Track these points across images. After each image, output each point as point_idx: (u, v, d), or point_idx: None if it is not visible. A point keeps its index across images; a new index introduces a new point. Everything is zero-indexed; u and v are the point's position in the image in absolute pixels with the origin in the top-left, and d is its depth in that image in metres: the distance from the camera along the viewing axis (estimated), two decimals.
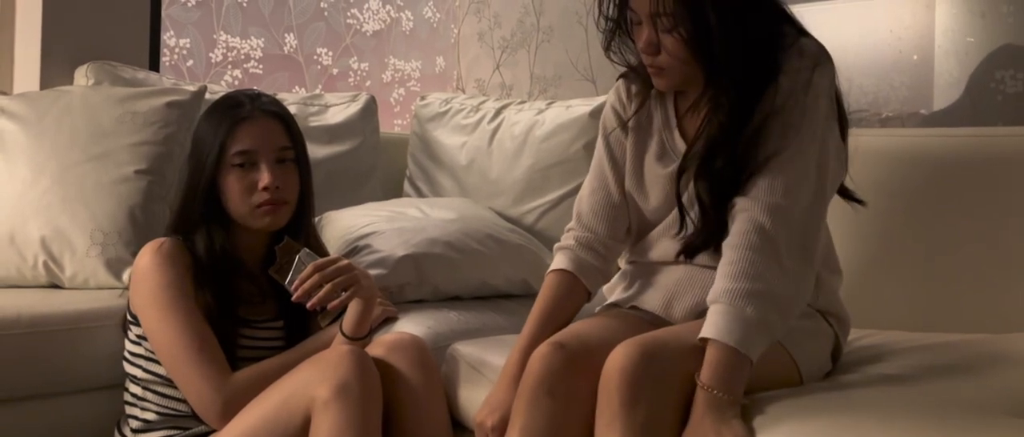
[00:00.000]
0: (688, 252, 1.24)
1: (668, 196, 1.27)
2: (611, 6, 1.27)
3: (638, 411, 1.04)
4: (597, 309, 1.37)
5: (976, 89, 1.99)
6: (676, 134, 1.29)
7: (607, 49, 1.30)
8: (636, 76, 1.33)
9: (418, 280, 1.66)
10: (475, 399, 1.35)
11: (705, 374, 1.06)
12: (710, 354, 1.08)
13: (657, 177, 1.29)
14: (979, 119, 1.98)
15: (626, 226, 1.34)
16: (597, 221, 1.33)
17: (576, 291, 1.32)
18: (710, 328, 1.09)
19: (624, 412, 1.04)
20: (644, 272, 1.33)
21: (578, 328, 1.23)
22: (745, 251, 1.12)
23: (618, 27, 1.27)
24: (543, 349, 1.17)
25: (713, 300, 1.11)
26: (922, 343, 1.38)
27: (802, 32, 1.25)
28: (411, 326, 1.52)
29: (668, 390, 1.08)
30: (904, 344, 1.38)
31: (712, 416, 1.04)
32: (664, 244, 1.29)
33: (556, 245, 1.37)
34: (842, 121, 1.25)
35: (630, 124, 1.32)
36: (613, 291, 1.36)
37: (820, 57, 1.20)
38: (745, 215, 1.15)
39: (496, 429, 1.20)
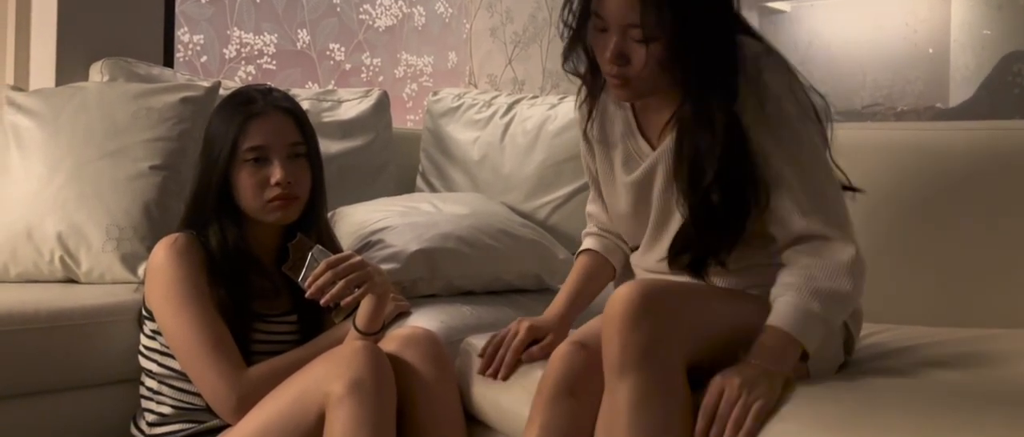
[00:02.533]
0: (672, 265, 1.23)
1: (637, 203, 1.28)
2: (569, 13, 1.20)
3: (640, 332, 1.05)
4: None
5: (993, 83, 1.97)
6: (640, 140, 1.27)
7: (566, 59, 1.24)
8: (583, 86, 1.30)
9: (431, 275, 1.66)
10: (487, 393, 1.35)
11: (753, 352, 1.09)
12: (765, 337, 1.11)
13: (625, 185, 1.29)
14: (996, 113, 1.97)
15: None
16: (609, 221, 1.40)
17: (604, 269, 1.40)
18: (773, 317, 1.12)
19: (626, 331, 1.05)
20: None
21: (598, 327, 1.23)
22: (807, 257, 1.14)
23: (577, 36, 1.21)
24: (564, 348, 1.18)
25: (779, 295, 1.14)
26: (937, 339, 1.37)
27: (746, 31, 1.20)
28: (424, 321, 1.52)
29: (671, 320, 1.08)
30: (919, 339, 1.37)
31: (753, 374, 1.06)
32: (652, 256, 1.30)
33: (583, 231, 1.45)
34: (814, 110, 1.20)
35: (592, 137, 1.33)
36: None
37: (760, 59, 1.16)
38: (789, 246, 1.16)
39: (526, 330, 1.31)
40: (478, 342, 1.41)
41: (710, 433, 1.04)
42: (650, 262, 1.30)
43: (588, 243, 1.43)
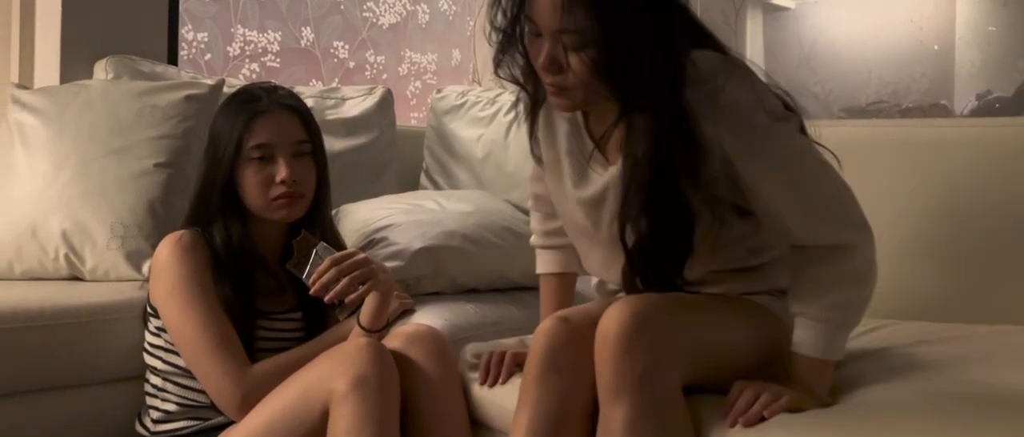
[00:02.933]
0: (628, 288, 1.16)
1: (592, 223, 1.21)
2: (500, 15, 1.12)
3: (634, 358, 1.02)
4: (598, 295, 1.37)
5: (998, 79, 1.96)
6: (590, 150, 1.18)
7: (498, 64, 1.16)
8: (523, 93, 1.22)
9: (435, 273, 1.66)
10: (488, 398, 1.34)
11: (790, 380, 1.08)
12: (797, 364, 1.09)
13: (578, 202, 1.22)
14: (1002, 109, 1.96)
15: None
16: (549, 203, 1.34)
17: (567, 280, 1.41)
18: (798, 344, 1.10)
19: (619, 356, 1.03)
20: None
21: (584, 306, 1.24)
22: (817, 267, 1.10)
23: (509, 40, 1.13)
24: (547, 324, 1.16)
25: (798, 313, 1.11)
26: (941, 335, 1.37)
27: (708, 42, 1.11)
28: (428, 318, 1.52)
29: (666, 342, 1.05)
30: (923, 336, 1.37)
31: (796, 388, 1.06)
32: (615, 270, 1.23)
33: (532, 242, 1.42)
34: (785, 105, 1.12)
35: (537, 152, 1.27)
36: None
37: (718, 77, 1.06)
38: (800, 253, 1.11)
39: (499, 359, 1.30)
40: (473, 359, 1.40)
41: (740, 401, 1.04)
42: (616, 276, 1.23)
43: (544, 263, 1.40)
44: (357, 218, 1.80)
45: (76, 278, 1.74)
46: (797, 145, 1.10)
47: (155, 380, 1.44)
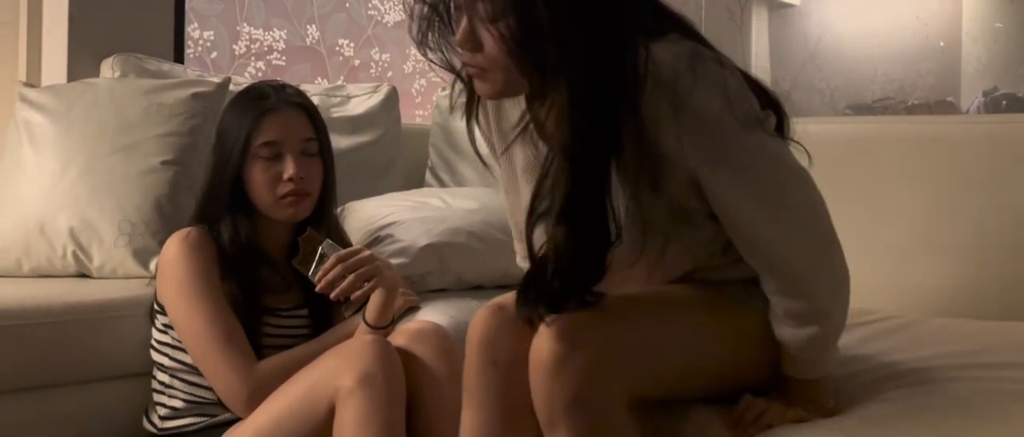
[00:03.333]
0: (520, 307, 0.99)
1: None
2: None
3: (563, 382, 0.94)
4: None
5: (1005, 76, 1.96)
6: (538, 141, 1.04)
7: (421, 43, 1.03)
8: (459, 80, 1.08)
9: (440, 269, 1.67)
10: None
11: (789, 398, 1.06)
12: (794, 386, 1.06)
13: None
14: (1008, 105, 1.95)
15: None
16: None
17: None
18: (788, 369, 1.06)
19: (549, 381, 0.95)
20: None
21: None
22: (783, 297, 1.03)
23: (436, 15, 1.01)
24: (481, 314, 1.07)
25: (779, 338, 1.05)
26: (946, 332, 1.36)
27: (669, 28, 0.98)
28: (434, 315, 1.52)
29: (602, 359, 0.96)
30: (928, 332, 1.37)
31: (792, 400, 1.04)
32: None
33: (518, 262, 1.27)
34: (766, 96, 1.02)
35: (484, 155, 1.16)
36: None
37: (683, 79, 0.92)
38: (765, 277, 1.04)
39: None
40: None
41: (748, 413, 1.02)
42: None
43: None
44: (362, 215, 1.81)
45: (83, 275, 1.75)
46: (765, 152, 0.98)
47: (162, 377, 1.45)
